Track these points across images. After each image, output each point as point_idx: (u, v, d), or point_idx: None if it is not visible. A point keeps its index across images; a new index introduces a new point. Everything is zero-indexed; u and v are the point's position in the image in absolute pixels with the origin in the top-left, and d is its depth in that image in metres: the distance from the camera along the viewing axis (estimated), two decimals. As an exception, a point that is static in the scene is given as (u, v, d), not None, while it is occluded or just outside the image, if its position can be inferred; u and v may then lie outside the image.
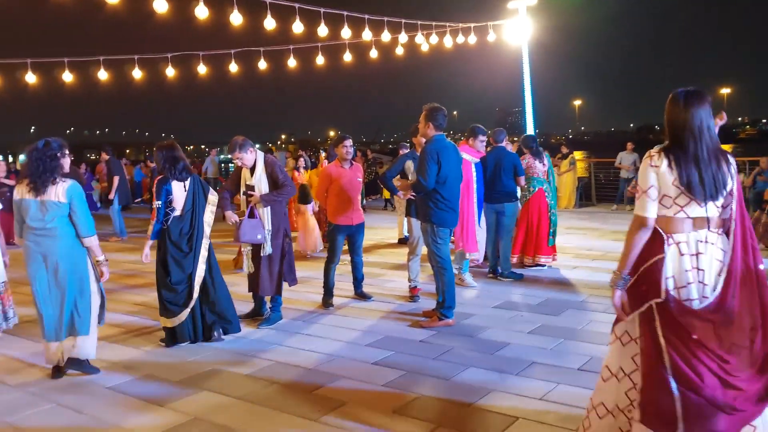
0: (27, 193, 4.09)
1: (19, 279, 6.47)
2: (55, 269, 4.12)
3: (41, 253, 4.11)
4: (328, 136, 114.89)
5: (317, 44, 11.26)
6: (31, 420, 3.59)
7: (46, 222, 4.08)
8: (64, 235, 4.13)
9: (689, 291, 2.40)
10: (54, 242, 4.11)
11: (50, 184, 4.08)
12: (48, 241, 4.10)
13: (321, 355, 4.54)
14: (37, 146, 4.14)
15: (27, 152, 4.17)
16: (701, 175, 2.37)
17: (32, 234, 4.12)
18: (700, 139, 2.38)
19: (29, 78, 10.60)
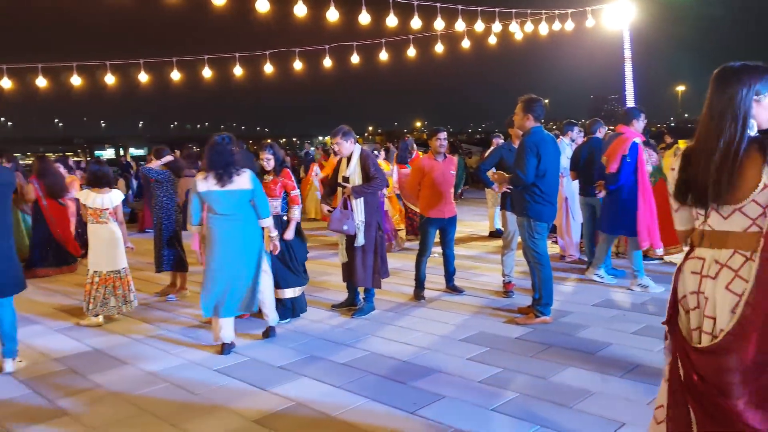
0: (214, 185, 4.48)
1: (136, 265, 6.97)
2: (238, 251, 4.59)
3: (226, 236, 4.55)
4: (414, 127, 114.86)
5: (409, 36, 11.29)
6: (145, 397, 3.85)
7: (234, 209, 4.54)
8: (247, 218, 4.63)
9: (693, 318, 2.01)
10: (239, 225, 4.58)
11: (235, 175, 4.50)
12: (234, 224, 4.56)
13: (415, 347, 4.57)
14: (216, 141, 4.55)
15: (208, 147, 4.56)
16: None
17: (219, 219, 4.55)
18: None
19: (141, 77, 11.37)
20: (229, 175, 4.49)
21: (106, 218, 5.67)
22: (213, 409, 3.64)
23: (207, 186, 4.50)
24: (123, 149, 70.28)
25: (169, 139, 66.26)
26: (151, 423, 3.49)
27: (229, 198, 4.52)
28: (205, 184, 4.50)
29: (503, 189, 5.54)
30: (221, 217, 4.55)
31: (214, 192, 4.50)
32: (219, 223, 4.55)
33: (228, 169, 4.49)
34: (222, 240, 4.54)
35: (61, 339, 5.18)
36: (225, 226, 4.55)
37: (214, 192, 4.50)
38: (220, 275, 4.56)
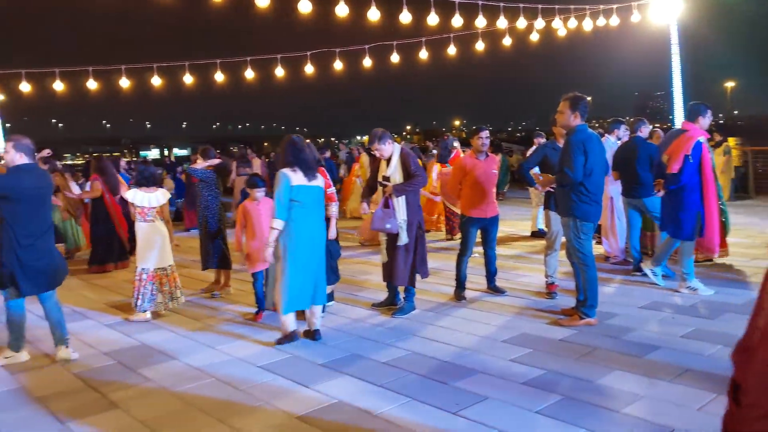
0: (303, 179, 4.65)
1: (181, 263, 7.14)
2: (319, 245, 4.80)
3: (310, 230, 4.72)
4: (453, 126, 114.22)
5: (449, 35, 11.23)
6: (192, 392, 3.94)
7: (315, 203, 4.76)
8: (321, 213, 4.88)
9: None
10: (317, 220, 4.81)
11: (317, 171, 4.75)
12: (313, 219, 4.77)
13: (456, 348, 4.54)
14: (294, 139, 4.75)
15: (288, 145, 4.71)
16: None
17: (304, 213, 4.67)
18: None
19: (186, 79, 11.65)
20: (314, 171, 4.73)
21: (153, 217, 5.82)
22: (257, 405, 3.70)
23: (298, 180, 4.63)
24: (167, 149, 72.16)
25: (212, 139, 67.64)
26: (198, 417, 3.57)
27: (313, 193, 4.73)
28: (296, 177, 4.63)
29: (547, 188, 5.46)
30: (306, 212, 4.68)
31: (305, 186, 4.66)
32: (304, 217, 4.67)
33: (313, 165, 4.74)
34: (306, 233, 4.69)
35: (111, 334, 5.34)
36: (309, 220, 4.71)
37: (304, 186, 4.66)
38: (306, 269, 4.69)
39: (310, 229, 4.72)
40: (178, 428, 3.43)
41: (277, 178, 4.65)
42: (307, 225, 4.71)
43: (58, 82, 11.62)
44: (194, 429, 3.42)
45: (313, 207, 4.75)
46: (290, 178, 4.63)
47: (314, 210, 4.76)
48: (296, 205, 4.64)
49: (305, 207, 4.68)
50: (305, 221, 4.69)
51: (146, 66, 11.61)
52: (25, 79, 11.40)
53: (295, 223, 4.65)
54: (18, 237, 4.43)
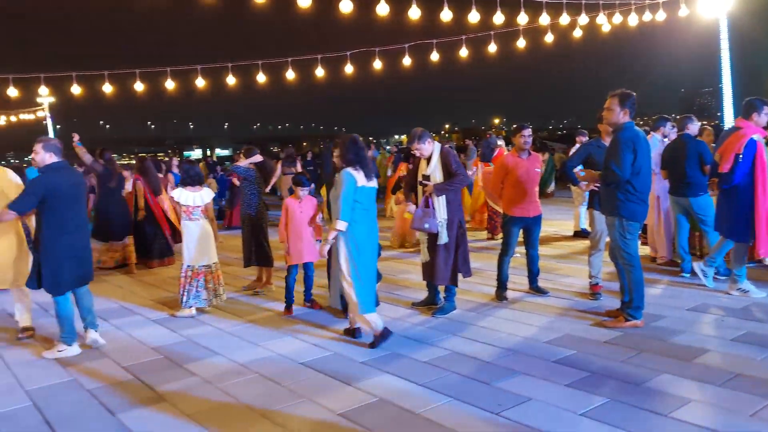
0: (364, 179, 4.64)
1: (224, 260, 7.27)
2: (376, 245, 4.84)
3: (370, 230, 4.74)
4: (492, 124, 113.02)
5: (490, 32, 11.13)
6: (236, 387, 4.01)
7: (373, 203, 4.77)
8: (375, 214, 4.83)
9: None
10: (374, 220, 4.80)
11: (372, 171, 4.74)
12: (373, 219, 4.78)
13: (498, 348, 4.50)
14: (356, 138, 4.78)
15: (350, 144, 4.68)
16: None
17: (365, 214, 4.68)
18: None
19: (229, 80, 11.87)
20: (372, 170, 4.74)
21: (198, 215, 5.95)
22: (299, 401, 3.74)
23: (361, 181, 4.62)
24: (210, 149, 73.64)
25: (252, 139, 68.72)
26: (243, 411, 3.63)
27: (372, 194, 4.75)
28: (360, 178, 4.62)
29: (591, 187, 5.35)
30: (366, 212, 4.69)
31: (365, 187, 4.66)
32: (365, 218, 4.68)
33: (370, 165, 4.74)
34: (369, 234, 4.72)
35: (157, 329, 5.48)
36: (369, 220, 4.72)
37: (365, 187, 4.66)
38: (370, 271, 4.73)
39: (370, 231, 4.73)
40: (222, 423, 3.50)
41: (341, 178, 4.60)
42: (369, 226, 4.71)
43: (107, 84, 11.99)
44: (238, 424, 3.48)
45: (372, 208, 4.76)
46: (356, 178, 4.59)
47: (373, 211, 4.77)
48: (358, 206, 4.61)
49: (365, 208, 4.67)
50: (367, 222, 4.69)
51: (191, 68, 11.88)
52: (75, 81, 11.80)
53: (359, 225, 4.63)
54: (55, 233, 4.68)
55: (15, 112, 24.60)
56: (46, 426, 3.56)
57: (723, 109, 12.89)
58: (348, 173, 4.59)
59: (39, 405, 3.88)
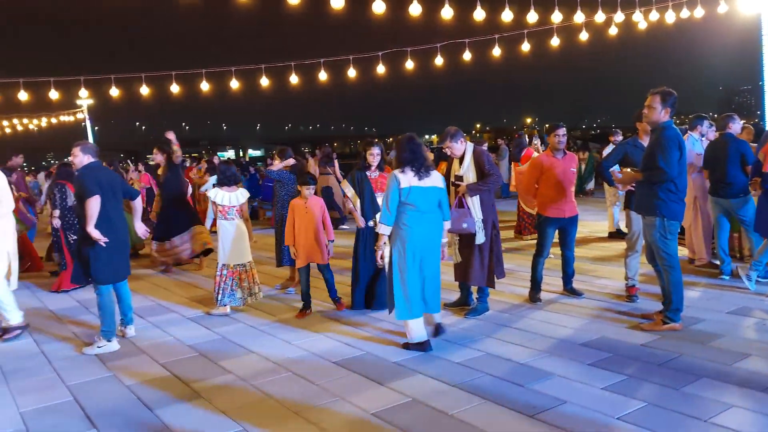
0: (414, 180, 4.47)
1: (258, 259, 7.36)
2: (434, 249, 4.60)
3: (424, 234, 4.51)
4: (524, 123, 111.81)
5: (523, 31, 11.02)
6: (270, 384, 4.06)
7: (431, 205, 4.54)
8: (438, 216, 4.63)
9: None
10: (433, 224, 4.57)
11: (431, 171, 4.56)
12: (429, 223, 4.54)
13: (532, 350, 4.45)
14: (411, 137, 4.64)
15: (405, 143, 4.55)
16: None
17: (417, 216, 4.48)
18: None
19: (263, 81, 12.01)
20: (426, 170, 4.51)
21: (234, 215, 6.03)
22: (332, 400, 3.76)
23: (409, 182, 4.46)
24: (242, 150, 74.63)
25: (284, 140, 69.38)
26: (277, 409, 3.67)
27: (426, 194, 4.50)
28: (407, 179, 4.46)
29: (627, 187, 5.26)
30: (420, 214, 4.48)
31: (415, 187, 4.46)
32: (418, 220, 4.48)
33: (425, 164, 4.53)
34: (423, 239, 4.50)
35: (193, 327, 5.58)
36: (423, 222, 4.50)
37: (415, 187, 4.46)
38: (420, 275, 4.53)
39: (424, 235, 4.49)
40: (257, 419, 3.54)
41: (389, 180, 4.54)
42: (423, 229, 4.49)
43: (144, 86, 12.26)
44: (272, 420, 3.52)
45: (429, 210, 4.52)
46: (400, 180, 4.45)
47: (430, 213, 4.54)
48: (409, 209, 4.47)
49: (420, 210, 4.47)
50: (420, 225, 4.48)
51: (225, 69, 12.06)
52: (114, 83, 12.10)
53: (409, 228, 4.47)
54: (103, 227, 4.92)
55: (55, 114, 25.31)
56: (87, 420, 3.66)
57: (764, 107, 12.50)
58: (393, 175, 4.49)
59: (79, 399, 3.98)
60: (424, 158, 4.52)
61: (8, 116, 23.28)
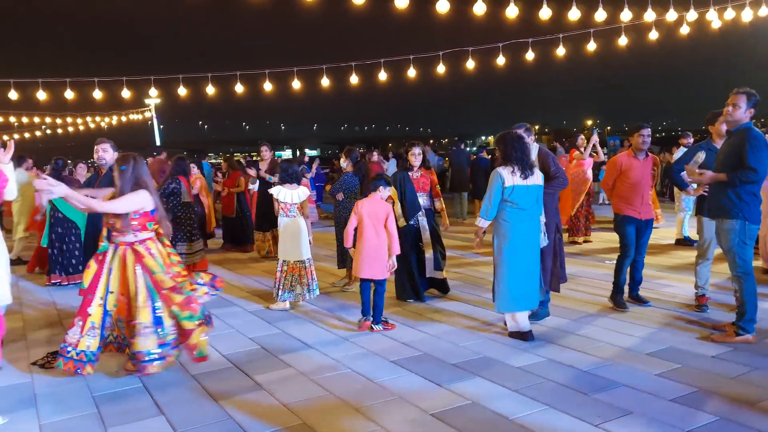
0: (519, 179, 4.50)
1: (316, 257, 7.46)
2: (534, 245, 4.70)
3: (526, 231, 4.60)
4: (584, 125, 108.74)
5: (589, 30, 10.73)
6: (329, 381, 4.10)
7: (532, 203, 4.60)
8: (538, 214, 4.71)
9: None
10: (533, 221, 4.66)
11: (534, 169, 4.62)
12: (531, 219, 4.63)
13: (596, 358, 4.33)
14: (520, 137, 4.67)
15: (507, 141, 4.58)
16: None
17: (519, 213, 4.56)
18: None
19: (323, 81, 12.18)
20: (531, 169, 4.56)
21: (295, 212, 6.14)
22: (391, 398, 3.77)
23: (513, 180, 4.50)
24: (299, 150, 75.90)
25: (340, 140, 70.10)
26: (337, 404, 3.70)
27: (529, 192, 4.56)
28: (511, 178, 4.50)
29: (701, 191, 5.05)
30: (522, 212, 4.55)
31: (519, 186, 4.51)
32: (519, 217, 4.55)
33: (530, 163, 4.58)
34: (523, 235, 4.58)
35: (254, 320, 5.71)
36: (525, 220, 4.57)
37: (518, 186, 4.51)
38: (522, 270, 4.62)
39: (525, 232, 4.58)
40: (317, 414, 3.58)
41: (491, 177, 4.58)
42: (524, 226, 4.57)
43: (210, 86, 12.64)
44: (333, 416, 3.55)
45: (529, 207, 4.57)
46: (504, 179, 4.49)
47: (530, 210, 4.59)
48: (510, 206, 4.53)
49: (522, 208, 4.53)
50: (521, 223, 4.55)
51: (288, 70, 12.29)
52: (182, 83, 12.52)
53: (510, 225, 4.53)
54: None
55: (126, 112, 26.42)
56: (155, 407, 3.79)
57: None
58: (498, 173, 4.52)
59: (148, 387, 4.13)
60: (529, 157, 4.58)
61: (82, 114, 24.47)
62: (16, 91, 12.46)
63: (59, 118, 23.68)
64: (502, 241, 4.59)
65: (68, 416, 3.69)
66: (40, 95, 12.57)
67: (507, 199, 4.52)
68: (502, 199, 4.55)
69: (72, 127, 25.79)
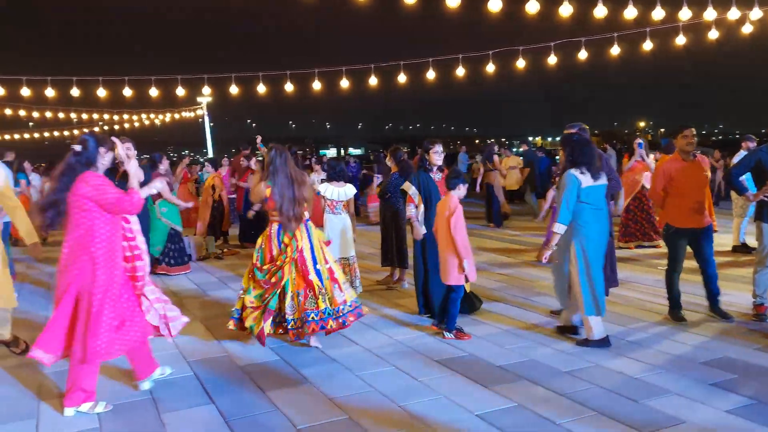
0: (590, 180, 4.49)
1: (359, 254, 7.50)
2: (601, 246, 4.64)
3: (602, 230, 4.59)
4: (637, 127, 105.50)
5: (645, 29, 10.43)
6: (374, 377, 4.13)
7: (603, 202, 4.61)
8: (606, 212, 4.73)
9: None
10: (605, 219, 4.66)
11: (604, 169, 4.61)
12: (603, 218, 4.61)
13: (646, 365, 4.22)
14: (588, 141, 4.65)
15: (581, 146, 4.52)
16: None
17: (597, 215, 4.52)
18: None
19: (371, 81, 12.25)
20: (598, 169, 4.53)
21: (341, 210, 6.20)
22: (436, 397, 3.77)
23: (587, 181, 4.47)
24: (344, 148, 76.49)
25: (384, 139, 70.28)
26: (381, 401, 3.73)
27: (599, 191, 4.55)
28: (585, 179, 4.47)
29: (761, 196, 4.86)
30: (598, 212, 4.54)
31: (592, 186, 4.49)
32: (596, 217, 4.54)
33: (597, 164, 4.53)
34: (600, 235, 4.57)
35: (300, 315, 5.78)
36: (601, 219, 4.56)
37: (592, 186, 4.49)
38: (601, 271, 4.60)
39: (601, 231, 4.57)
40: (362, 409, 3.61)
41: (564, 180, 4.50)
42: (600, 226, 4.55)
43: (261, 85, 12.88)
44: (376, 412, 3.58)
45: (602, 206, 4.59)
46: (580, 180, 4.45)
47: (603, 209, 4.60)
48: (587, 207, 4.48)
49: (597, 207, 4.52)
50: (598, 221, 4.54)
51: (336, 69, 12.40)
52: (234, 82, 12.81)
53: (589, 225, 4.50)
54: None
55: (178, 110, 27.15)
56: (205, 395, 3.90)
57: None
58: (572, 175, 4.46)
59: (199, 375, 4.26)
60: (596, 160, 4.53)
61: (138, 111, 25.29)
62: (78, 89, 12.99)
63: (116, 114, 24.54)
64: (583, 243, 4.47)
65: (125, 400, 3.83)
66: (100, 92, 13.06)
67: (583, 200, 4.45)
68: (577, 200, 4.46)
69: (128, 124, 26.67)
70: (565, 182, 4.47)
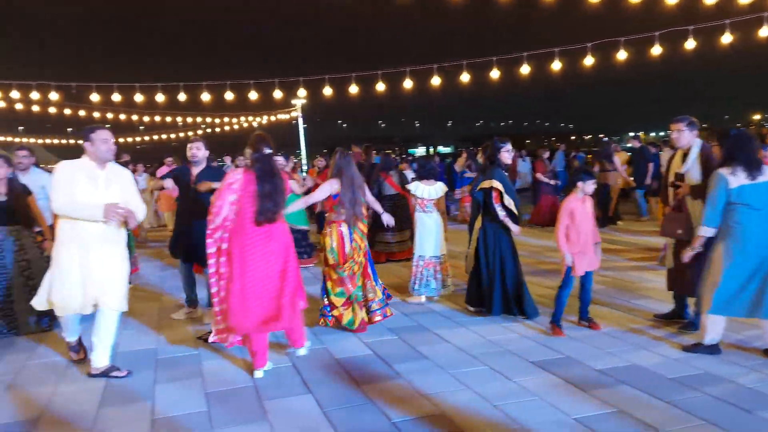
0: (744, 179, 4.15)
1: (450, 253, 7.47)
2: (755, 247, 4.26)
3: (758, 233, 4.16)
4: (750, 121, 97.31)
5: (763, 14, 9.61)
6: (465, 375, 4.12)
7: (766, 202, 4.15)
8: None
9: None
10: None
11: (762, 167, 4.18)
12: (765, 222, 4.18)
13: (761, 374, 3.93)
14: (747, 135, 4.31)
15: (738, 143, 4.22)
16: None
17: (753, 215, 4.14)
18: None
19: (464, 78, 12.15)
20: (758, 167, 4.18)
21: (431, 208, 6.21)
22: (532, 398, 3.70)
23: (738, 181, 4.16)
24: (433, 146, 76.38)
25: (474, 137, 69.43)
26: (473, 399, 3.71)
27: (760, 191, 4.15)
28: (735, 179, 4.16)
29: None
30: (756, 213, 4.16)
31: (747, 186, 4.15)
32: (753, 218, 4.17)
33: (756, 162, 4.19)
34: (758, 237, 4.15)
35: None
36: (758, 221, 4.16)
37: (747, 186, 4.15)
38: (748, 275, 4.20)
39: (760, 233, 4.14)
40: (457, 407, 3.61)
41: (711, 179, 4.27)
42: (758, 231, 4.14)
43: (353, 85, 13.12)
44: (472, 412, 3.56)
45: (764, 206, 4.15)
46: (728, 181, 4.15)
47: (766, 211, 4.15)
48: (741, 208, 4.16)
49: (756, 208, 4.13)
50: (755, 226, 4.14)
51: (428, 67, 12.40)
52: (328, 83, 13.12)
53: (743, 227, 4.16)
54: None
55: (274, 112, 28.19)
56: (303, 385, 4.05)
57: None
58: (720, 175, 4.19)
59: (298, 366, 4.42)
60: (756, 157, 4.18)
61: (237, 114, 26.54)
62: (185, 93, 13.81)
63: (218, 117, 25.86)
64: (731, 243, 4.18)
65: (230, 387, 4.06)
66: (204, 96, 13.83)
67: (736, 201, 4.14)
68: (729, 202, 4.16)
69: (228, 126, 28.03)
70: (712, 182, 4.19)
